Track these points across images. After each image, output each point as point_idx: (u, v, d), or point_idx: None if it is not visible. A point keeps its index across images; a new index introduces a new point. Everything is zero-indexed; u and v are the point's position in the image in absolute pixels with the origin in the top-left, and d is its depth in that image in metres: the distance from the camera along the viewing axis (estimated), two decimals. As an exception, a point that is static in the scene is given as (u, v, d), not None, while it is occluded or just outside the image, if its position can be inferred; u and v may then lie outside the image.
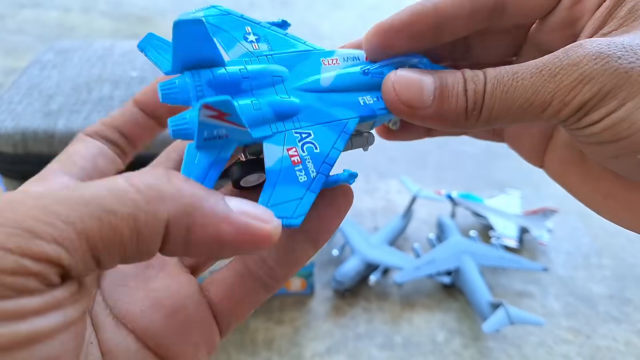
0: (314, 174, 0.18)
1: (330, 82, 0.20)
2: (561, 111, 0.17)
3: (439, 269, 0.68)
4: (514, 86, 0.17)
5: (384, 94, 0.19)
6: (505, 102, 0.17)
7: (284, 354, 0.62)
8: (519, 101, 0.17)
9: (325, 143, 0.19)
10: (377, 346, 0.64)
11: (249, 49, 0.20)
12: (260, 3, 1.57)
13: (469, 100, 0.18)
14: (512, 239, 0.75)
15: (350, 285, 0.68)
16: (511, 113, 0.17)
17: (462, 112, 0.18)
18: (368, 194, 0.87)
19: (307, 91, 0.20)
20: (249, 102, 0.18)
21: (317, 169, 0.18)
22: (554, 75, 0.17)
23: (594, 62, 0.16)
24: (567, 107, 0.17)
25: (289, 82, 0.20)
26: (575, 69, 0.17)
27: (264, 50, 0.20)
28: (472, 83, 0.18)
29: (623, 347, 0.65)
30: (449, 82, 0.18)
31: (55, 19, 1.42)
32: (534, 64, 0.17)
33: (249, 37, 0.20)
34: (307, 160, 0.18)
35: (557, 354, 0.64)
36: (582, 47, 0.17)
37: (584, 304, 0.70)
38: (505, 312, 0.62)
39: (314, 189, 0.18)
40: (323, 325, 0.66)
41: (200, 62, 0.18)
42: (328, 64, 0.21)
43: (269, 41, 0.20)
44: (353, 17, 1.51)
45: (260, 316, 0.66)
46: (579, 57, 0.17)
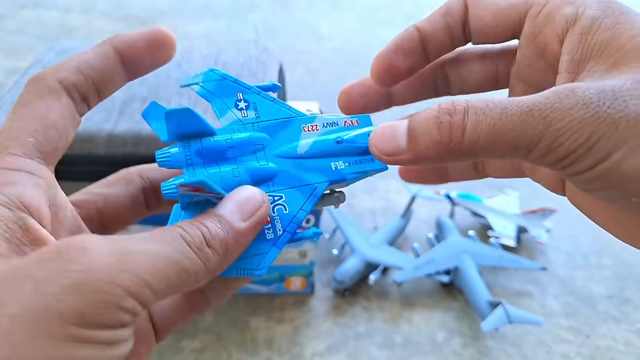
0: (280, 232, 0.21)
1: (306, 150, 0.23)
2: (547, 155, 0.17)
3: (438, 269, 0.69)
4: (502, 122, 0.17)
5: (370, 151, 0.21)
6: (491, 136, 0.17)
7: (284, 353, 0.62)
8: (506, 138, 0.17)
9: (294, 205, 0.22)
10: (376, 345, 0.64)
11: (238, 117, 0.23)
12: (260, 3, 1.57)
13: (442, 133, 0.18)
14: (510, 238, 0.76)
15: (350, 285, 0.68)
16: (496, 148, 0.17)
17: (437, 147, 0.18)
18: (368, 194, 0.87)
19: (285, 158, 0.23)
20: (230, 170, 0.21)
21: (284, 228, 0.21)
22: (544, 117, 0.16)
23: (584, 110, 0.16)
24: (554, 153, 0.17)
25: (270, 149, 0.23)
26: (566, 115, 0.16)
27: (251, 118, 0.23)
28: (447, 115, 0.18)
29: (622, 347, 0.65)
30: (421, 120, 0.18)
31: (55, 20, 1.42)
32: (525, 102, 0.17)
33: (239, 105, 0.23)
34: (276, 220, 0.21)
35: (557, 353, 0.64)
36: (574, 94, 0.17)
37: (583, 304, 0.70)
38: (504, 312, 0.62)
39: (278, 246, 0.21)
40: (323, 324, 0.66)
41: (191, 133, 0.21)
42: (308, 131, 0.23)
43: (257, 108, 0.23)
44: (353, 18, 1.51)
45: (261, 315, 0.67)
46: (571, 105, 0.16)
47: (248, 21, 1.46)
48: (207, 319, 0.66)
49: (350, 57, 1.29)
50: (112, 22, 1.43)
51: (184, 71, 0.58)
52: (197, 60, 0.60)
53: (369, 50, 1.33)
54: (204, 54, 0.61)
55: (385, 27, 1.44)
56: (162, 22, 1.44)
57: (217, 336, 0.64)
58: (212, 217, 0.18)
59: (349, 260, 0.69)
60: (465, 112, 0.18)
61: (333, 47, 1.33)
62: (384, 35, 1.39)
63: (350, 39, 1.39)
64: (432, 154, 0.18)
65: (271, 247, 0.21)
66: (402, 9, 1.58)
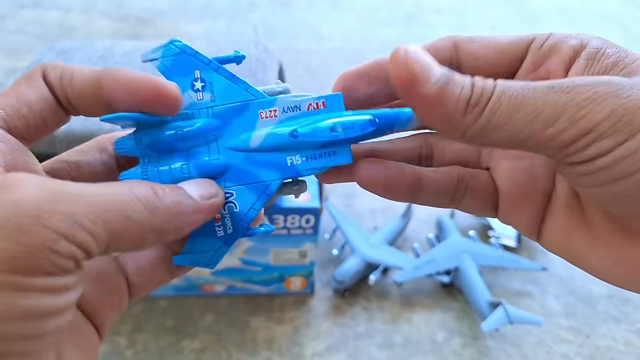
0: (230, 230, 0.21)
1: (259, 143, 0.21)
2: (566, 130, 0.16)
3: (438, 269, 0.69)
4: (524, 94, 0.16)
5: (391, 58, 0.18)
6: (510, 107, 0.16)
7: (284, 353, 0.62)
8: (525, 110, 0.16)
9: (245, 203, 0.21)
10: (376, 345, 0.64)
11: (193, 99, 0.21)
12: (260, 3, 1.57)
13: (474, 92, 0.17)
14: (511, 238, 0.76)
15: (350, 285, 0.68)
16: (513, 122, 0.16)
17: (462, 103, 0.17)
18: (368, 194, 0.87)
19: (237, 150, 0.21)
20: (180, 166, 0.21)
21: (233, 226, 0.21)
22: (567, 92, 0.16)
23: (607, 85, 0.16)
24: (574, 126, 0.16)
25: (223, 140, 0.21)
26: (590, 88, 0.16)
27: (206, 102, 0.21)
28: (482, 82, 0.17)
29: (622, 347, 0.65)
30: (457, 75, 0.18)
31: (55, 19, 1.42)
32: (546, 82, 0.17)
33: (195, 85, 0.21)
34: (226, 217, 0.21)
35: (557, 353, 0.64)
36: (592, 76, 0.16)
37: (583, 304, 0.70)
38: (504, 312, 0.62)
39: (228, 243, 0.21)
40: (323, 324, 0.66)
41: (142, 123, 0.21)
42: (265, 117, 0.21)
43: (213, 90, 0.21)
44: (353, 18, 1.51)
45: (261, 315, 0.67)
46: (595, 80, 0.16)
47: (248, 21, 1.46)
48: (207, 319, 0.66)
49: (350, 57, 1.29)
50: (112, 22, 1.43)
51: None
52: (197, 60, 0.60)
53: (369, 50, 1.33)
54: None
55: (385, 27, 1.44)
56: (162, 23, 1.44)
57: (217, 336, 0.64)
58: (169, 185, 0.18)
59: (349, 261, 0.69)
60: (494, 84, 0.17)
61: (333, 47, 1.33)
62: (384, 35, 1.40)
63: (350, 38, 1.39)
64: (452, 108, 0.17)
65: (221, 244, 0.21)
66: (402, 9, 1.58)
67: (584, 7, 1.64)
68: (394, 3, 1.62)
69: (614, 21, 1.57)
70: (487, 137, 0.17)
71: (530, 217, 0.22)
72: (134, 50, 0.61)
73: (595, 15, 1.59)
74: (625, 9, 1.65)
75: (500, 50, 0.21)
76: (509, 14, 1.60)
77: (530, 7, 1.65)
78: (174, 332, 0.64)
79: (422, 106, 0.18)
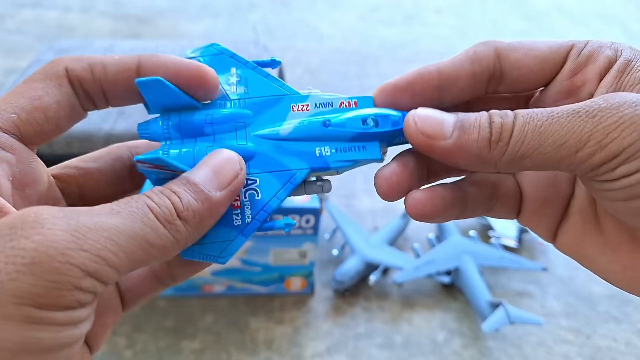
0: (249, 219, 0.20)
1: (289, 132, 0.21)
2: (595, 154, 0.16)
3: (438, 269, 0.68)
4: (549, 122, 0.17)
5: (405, 127, 0.19)
6: (537, 137, 0.17)
7: (284, 353, 0.62)
8: (553, 137, 0.17)
9: (268, 191, 0.20)
10: (377, 346, 0.64)
11: (225, 92, 0.21)
12: (260, 3, 1.57)
13: (493, 131, 0.18)
14: (511, 238, 0.75)
15: (350, 285, 0.68)
16: (542, 150, 0.17)
17: (484, 143, 0.18)
18: (368, 194, 0.87)
19: (266, 138, 0.21)
20: (205, 147, 0.20)
21: (253, 215, 0.20)
22: (592, 116, 0.16)
23: (634, 108, 0.16)
24: (603, 150, 0.16)
25: (252, 128, 0.21)
26: (615, 112, 0.16)
27: (240, 94, 0.21)
28: (499, 117, 0.18)
29: (623, 347, 0.65)
30: (471, 117, 0.18)
31: (54, 19, 1.42)
32: (570, 107, 0.17)
33: (230, 79, 0.22)
34: (246, 205, 0.20)
35: (557, 353, 0.64)
36: (619, 95, 0.17)
37: (584, 304, 0.70)
38: (504, 312, 0.62)
39: (246, 234, 0.19)
40: (323, 324, 0.66)
41: (173, 107, 0.20)
42: (297, 110, 0.21)
43: (247, 84, 0.22)
44: (353, 18, 1.51)
45: (261, 316, 0.67)
46: (618, 102, 0.16)
47: (248, 21, 1.45)
48: (207, 320, 0.66)
49: (350, 56, 1.29)
50: (112, 22, 1.42)
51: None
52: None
53: (369, 49, 1.33)
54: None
55: (385, 27, 1.44)
56: (161, 22, 1.43)
57: (217, 337, 0.64)
58: (185, 184, 0.17)
59: (349, 261, 0.69)
60: (514, 116, 0.18)
61: (333, 46, 1.33)
62: (384, 35, 1.39)
63: (350, 38, 1.39)
64: (475, 150, 0.18)
65: (238, 234, 0.19)
66: (402, 9, 1.58)
67: (585, 7, 1.64)
68: (394, 3, 1.61)
69: (614, 21, 1.56)
70: (519, 165, 0.18)
71: (550, 220, 0.22)
72: (133, 50, 0.61)
73: (596, 15, 1.59)
74: (626, 9, 1.65)
75: (542, 59, 0.21)
76: (509, 14, 1.60)
77: (530, 7, 1.65)
78: (174, 332, 0.64)
79: (448, 158, 0.19)
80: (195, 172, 0.18)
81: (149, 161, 0.17)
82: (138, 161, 0.17)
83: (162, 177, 0.19)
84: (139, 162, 0.17)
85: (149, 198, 0.16)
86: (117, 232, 0.15)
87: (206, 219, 0.17)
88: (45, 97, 0.18)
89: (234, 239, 0.19)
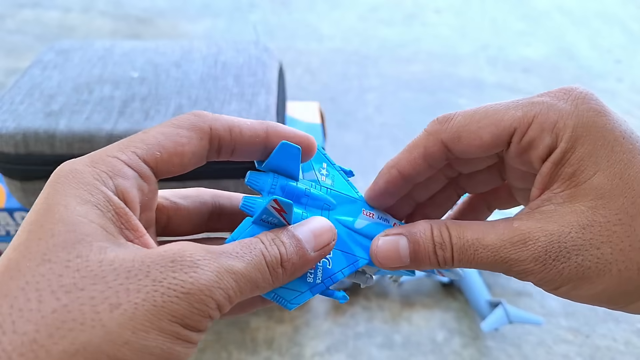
0: (319, 281, 0.24)
1: (362, 227, 0.27)
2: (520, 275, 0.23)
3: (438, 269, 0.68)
4: (476, 258, 0.23)
5: (372, 258, 0.25)
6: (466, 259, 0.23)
7: (284, 352, 0.62)
8: (482, 261, 0.23)
9: (337, 265, 0.25)
10: (376, 345, 0.64)
11: (318, 178, 0.27)
12: (260, 3, 1.57)
13: (439, 260, 0.24)
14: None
15: (350, 285, 0.68)
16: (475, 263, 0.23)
17: (435, 265, 0.24)
18: (368, 194, 0.87)
19: (343, 225, 0.26)
20: (300, 212, 0.24)
21: (322, 278, 0.24)
22: (506, 262, 0.22)
23: (534, 264, 0.22)
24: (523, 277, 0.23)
25: (333, 212, 0.26)
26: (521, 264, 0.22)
27: (327, 184, 0.27)
28: (441, 250, 0.23)
29: (622, 347, 0.65)
30: (420, 244, 0.24)
31: (55, 19, 1.42)
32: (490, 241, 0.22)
33: (322, 171, 0.27)
34: (319, 269, 0.24)
35: (557, 353, 0.64)
36: (526, 248, 0.22)
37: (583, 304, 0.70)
38: (504, 311, 0.62)
39: (313, 292, 0.24)
40: (323, 324, 0.66)
41: (283, 171, 0.25)
42: (365, 215, 0.27)
43: (334, 180, 0.27)
44: (353, 18, 1.51)
45: (261, 315, 0.67)
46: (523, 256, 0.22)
47: (248, 21, 1.46)
48: (207, 319, 0.66)
49: (350, 57, 1.29)
50: (112, 22, 1.43)
51: (184, 71, 0.58)
52: (197, 60, 0.60)
53: (369, 50, 1.33)
54: (204, 53, 0.61)
55: (385, 27, 1.45)
56: (161, 22, 1.44)
57: (217, 336, 0.64)
58: (291, 237, 0.21)
59: (349, 260, 0.69)
60: (451, 249, 0.23)
61: (333, 47, 1.33)
62: (384, 35, 1.40)
63: (350, 38, 1.39)
64: (428, 268, 0.24)
65: (307, 289, 0.23)
66: (402, 9, 1.58)
67: (585, 7, 1.64)
68: (394, 3, 1.62)
69: (614, 21, 1.57)
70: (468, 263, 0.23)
71: None
72: (133, 50, 0.61)
73: (596, 15, 1.59)
74: (626, 9, 1.65)
75: (485, 148, 0.24)
76: (509, 14, 1.60)
77: (530, 7, 1.65)
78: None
79: (415, 267, 0.24)
80: (299, 229, 0.21)
81: (283, 204, 0.21)
82: (275, 200, 0.21)
83: (268, 220, 0.22)
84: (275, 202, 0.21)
85: (264, 245, 0.20)
86: (240, 276, 0.18)
87: (298, 271, 0.21)
88: (187, 146, 0.21)
89: (303, 292, 0.23)
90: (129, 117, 0.50)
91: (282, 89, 0.61)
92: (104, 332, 0.15)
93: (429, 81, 1.20)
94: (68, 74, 0.56)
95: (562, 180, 0.22)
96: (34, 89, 0.53)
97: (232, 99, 0.54)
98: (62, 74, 0.56)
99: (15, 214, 0.57)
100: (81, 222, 0.17)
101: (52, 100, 0.52)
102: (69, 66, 0.57)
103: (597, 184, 0.21)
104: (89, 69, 0.57)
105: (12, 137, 0.48)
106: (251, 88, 0.55)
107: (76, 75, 0.56)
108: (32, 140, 0.48)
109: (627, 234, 0.20)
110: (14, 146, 0.48)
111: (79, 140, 0.48)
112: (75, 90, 0.53)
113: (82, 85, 0.54)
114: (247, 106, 0.53)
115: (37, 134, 0.48)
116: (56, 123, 0.49)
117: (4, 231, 0.59)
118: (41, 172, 0.49)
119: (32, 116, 0.49)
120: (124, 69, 0.57)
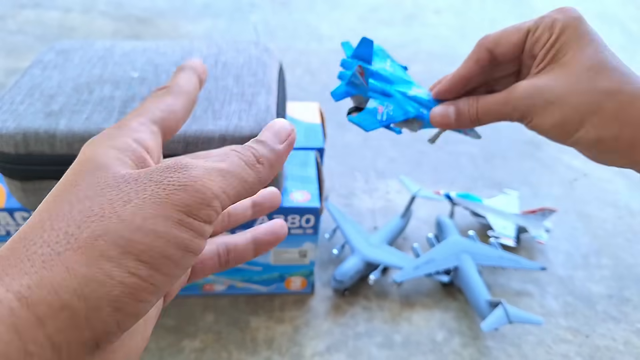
0: (384, 117, 0.39)
1: (412, 95, 0.40)
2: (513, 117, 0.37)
3: (438, 269, 0.69)
4: (488, 108, 0.38)
5: (431, 120, 0.40)
6: (485, 115, 0.38)
7: (284, 352, 0.63)
8: (493, 113, 0.38)
9: (396, 114, 0.39)
10: (376, 345, 0.64)
11: (384, 67, 0.41)
12: (260, 3, 1.57)
13: (471, 118, 0.39)
14: (510, 238, 0.76)
15: (350, 285, 0.69)
16: (490, 116, 0.38)
17: (467, 121, 0.39)
18: (367, 194, 0.87)
19: (400, 93, 0.40)
20: (376, 82, 0.40)
21: (386, 119, 0.39)
22: (506, 104, 0.37)
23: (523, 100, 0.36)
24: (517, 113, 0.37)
25: (394, 86, 0.40)
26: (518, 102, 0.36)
27: (390, 71, 0.41)
28: (472, 110, 0.39)
29: (622, 347, 0.65)
30: (462, 110, 0.39)
31: (55, 20, 1.42)
32: (497, 98, 0.37)
33: (387, 62, 0.42)
34: (384, 113, 0.39)
35: (556, 353, 0.64)
36: (518, 92, 0.36)
37: (582, 304, 0.70)
38: (503, 311, 0.62)
39: (381, 124, 0.39)
40: (323, 324, 0.66)
41: (361, 57, 0.40)
42: (415, 89, 0.41)
43: (395, 69, 0.41)
44: (353, 18, 1.52)
45: (261, 315, 0.67)
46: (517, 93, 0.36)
47: (248, 21, 1.46)
48: (207, 319, 0.66)
49: (350, 57, 1.29)
50: (112, 22, 1.43)
51: (184, 71, 0.58)
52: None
53: (368, 50, 1.33)
54: (204, 54, 0.61)
55: (385, 27, 1.45)
56: (161, 23, 1.44)
57: (218, 336, 0.64)
58: (257, 143, 0.24)
59: (349, 260, 0.69)
60: (477, 109, 0.39)
61: (333, 47, 1.33)
62: (384, 35, 1.40)
63: (351, 39, 1.39)
64: (468, 125, 0.39)
65: (378, 122, 0.38)
66: (402, 9, 1.58)
67: (584, 7, 1.64)
68: (394, 3, 1.62)
69: (614, 21, 1.57)
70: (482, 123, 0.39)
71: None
72: (133, 50, 0.61)
73: (595, 15, 1.59)
74: (625, 9, 1.66)
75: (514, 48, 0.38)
76: (509, 14, 1.60)
77: (530, 7, 1.66)
78: (174, 331, 0.64)
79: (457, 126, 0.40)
80: (261, 136, 0.25)
81: (364, 68, 0.38)
82: (359, 66, 0.38)
83: (355, 82, 0.39)
84: (359, 67, 0.38)
85: (238, 152, 0.23)
86: (226, 172, 0.21)
87: (274, 162, 0.24)
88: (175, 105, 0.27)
89: (376, 122, 0.38)
90: (129, 117, 0.50)
91: (282, 89, 0.61)
92: (119, 220, 0.18)
93: (429, 81, 1.19)
94: (68, 74, 0.56)
95: (548, 59, 0.35)
96: (34, 89, 0.53)
97: (232, 99, 0.54)
98: (62, 74, 0.56)
99: (15, 214, 0.57)
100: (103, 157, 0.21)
101: (52, 100, 0.52)
102: (69, 66, 0.57)
103: (568, 60, 0.34)
104: (89, 69, 0.57)
105: (12, 137, 0.48)
106: (251, 88, 0.55)
107: (76, 75, 0.56)
108: (32, 140, 0.48)
109: (572, 86, 0.33)
110: (14, 146, 0.48)
111: (79, 140, 0.48)
112: (75, 90, 0.53)
113: (83, 85, 0.54)
114: (247, 106, 0.53)
115: (37, 134, 0.48)
116: (56, 123, 0.49)
117: (4, 231, 0.59)
118: (41, 172, 0.49)
119: (32, 116, 0.49)
120: (124, 69, 0.57)
